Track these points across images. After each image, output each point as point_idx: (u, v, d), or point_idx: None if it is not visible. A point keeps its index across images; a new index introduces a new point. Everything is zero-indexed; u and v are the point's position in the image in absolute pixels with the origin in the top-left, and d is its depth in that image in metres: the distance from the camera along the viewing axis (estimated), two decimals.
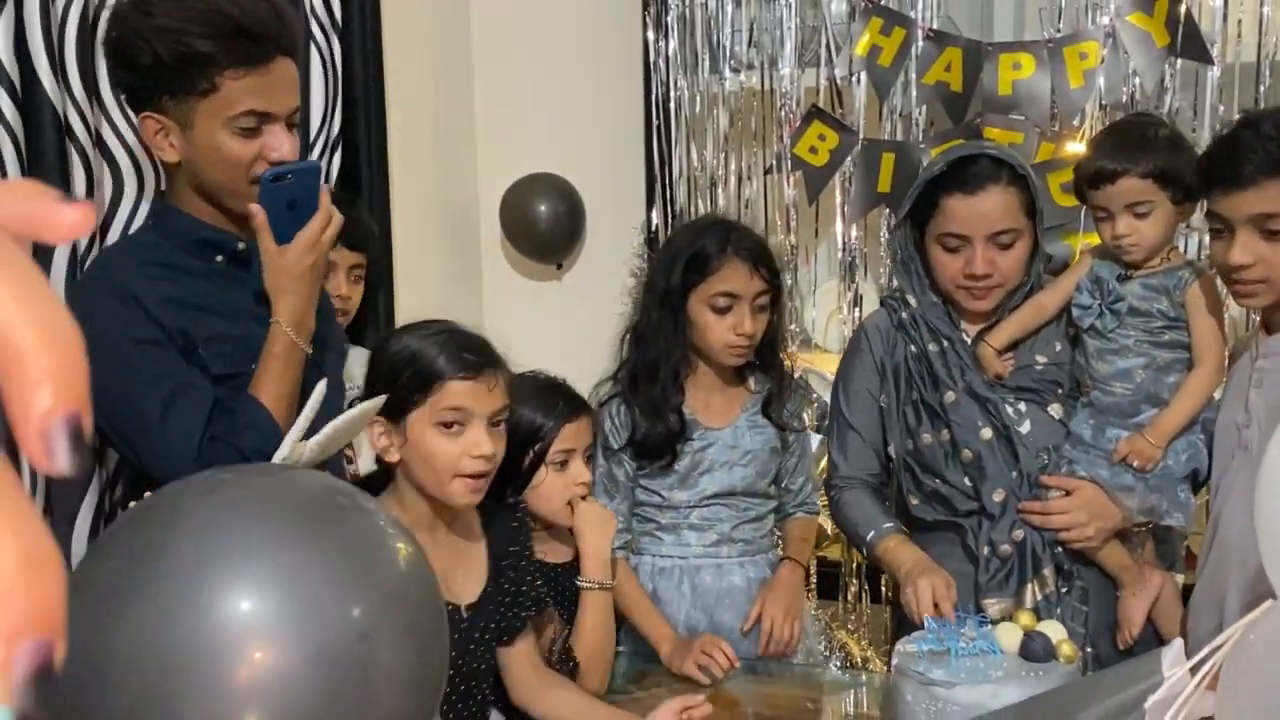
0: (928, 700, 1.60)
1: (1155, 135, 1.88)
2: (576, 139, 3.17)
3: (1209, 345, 1.86)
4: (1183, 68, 2.61)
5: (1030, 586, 1.96)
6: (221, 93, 1.57)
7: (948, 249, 1.96)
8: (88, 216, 0.31)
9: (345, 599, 0.80)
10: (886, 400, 2.06)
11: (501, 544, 1.76)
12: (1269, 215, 1.66)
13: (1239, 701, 1.06)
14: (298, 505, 0.87)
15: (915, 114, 2.78)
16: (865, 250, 2.86)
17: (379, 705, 0.81)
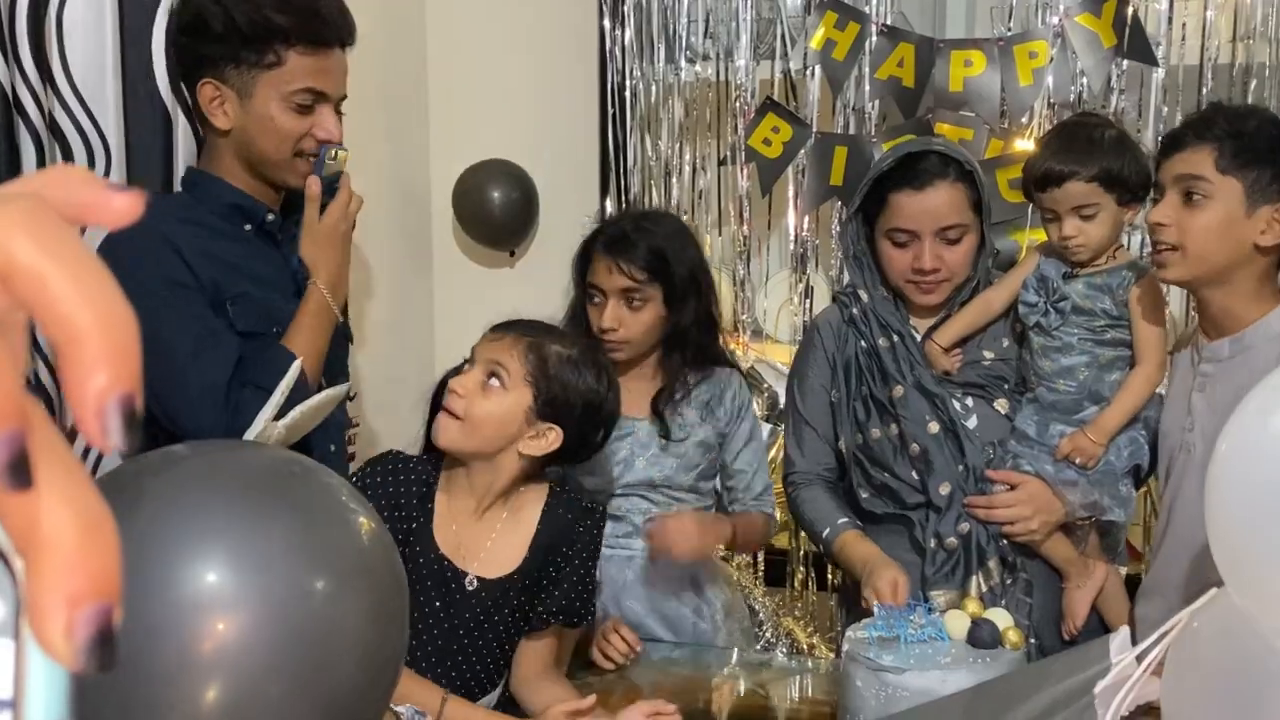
0: (877, 685, 1.62)
1: (1102, 137, 1.91)
2: (531, 126, 3.16)
3: (1150, 344, 1.90)
4: (1129, 69, 2.66)
5: (975, 578, 2.00)
6: (286, 67, 1.70)
7: (896, 244, 1.99)
8: (137, 204, 0.32)
9: (307, 571, 0.82)
10: (837, 395, 2.09)
11: (554, 536, 1.75)
12: (1192, 178, 1.71)
13: (1184, 686, 1.10)
14: (258, 479, 0.88)
15: (868, 108, 2.81)
16: (817, 242, 2.89)
17: (339, 675, 0.82)
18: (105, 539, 0.29)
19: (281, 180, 1.79)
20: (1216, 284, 1.76)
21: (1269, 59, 2.60)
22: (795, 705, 2.00)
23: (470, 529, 1.73)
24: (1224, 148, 1.70)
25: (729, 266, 2.99)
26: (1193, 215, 1.72)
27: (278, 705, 0.79)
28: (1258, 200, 1.70)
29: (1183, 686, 1.10)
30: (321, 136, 1.76)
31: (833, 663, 2.12)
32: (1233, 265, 1.74)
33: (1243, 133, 1.70)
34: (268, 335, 1.71)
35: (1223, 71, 2.62)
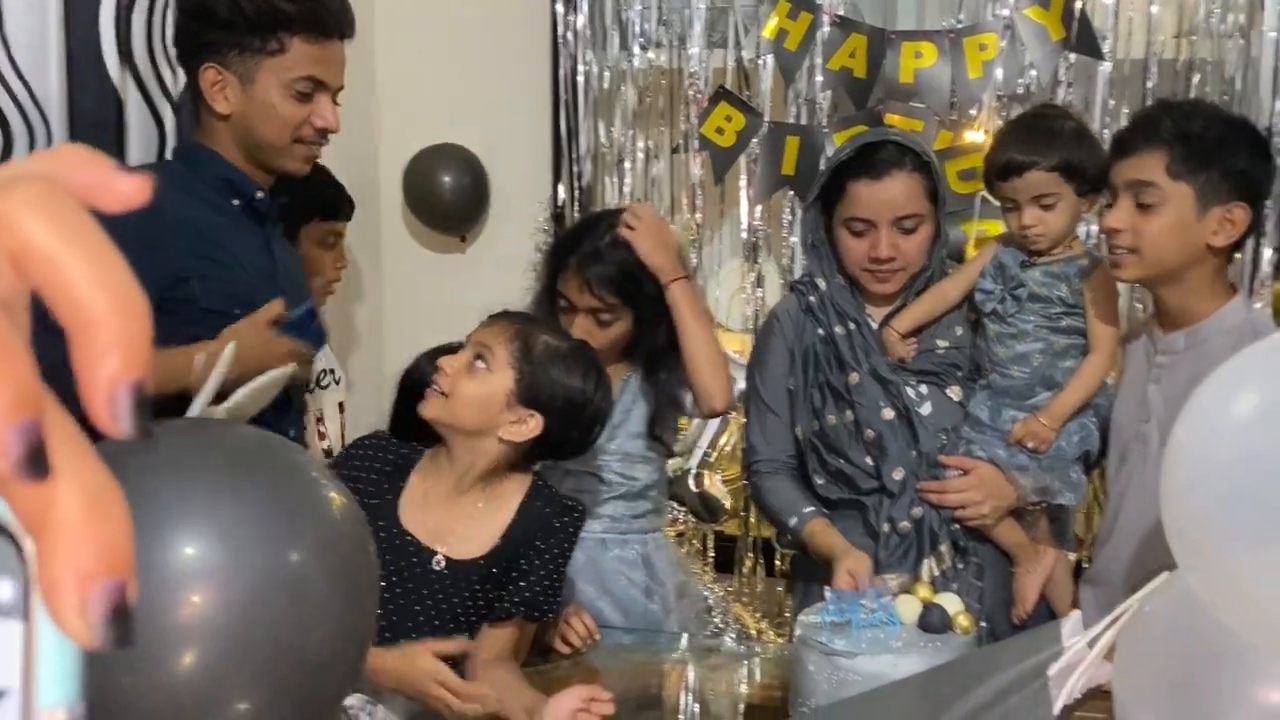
0: (829, 670, 1.64)
1: (1062, 129, 1.94)
2: (482, 110, 3.14)
3: (1104, 333, 1.94)
4: (1076, 62, 2.70)
5: (928, 562, 2.03)
6: (289, 54, 1.74)
7: (854, 233, 2.01)
8: (144, 187, 0.32)
9: (280, 546, 0.84)
10: (794, 383, 2.10)
11: (529, 528, 1.75)
12: (1142, 184, 1.74)
13: (1135, 670, 1.12)
14: (234, 458, 0.90)
15: (820, 99, 2.83)
16: (769, 231, 2.90)
17: (309, 647, 0.84)
18: (116, 515, 0.29)
19: (278, 166, 1.83)
20: (1172, 282, 1.80)
21: (1211, 54, 2.65)
22: (747, 690, 2.02)
23: (444, 510, 1.74)
24: (1173, 153, 1.72)
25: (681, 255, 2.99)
26: (1146, 220, 1.75)
27: (249, 676, 0.80)
28: (1209, 202, 1.73)
29: (1134, 669, 1.12)
30: (319, 125, 1.79)
31: (783, 648, 2.13)
32: (1187, 265, 1.77)
33: (1190, 136, 1.73)
34: (229, 314, 1.70)
35: (1167, 66, 2.67)
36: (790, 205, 2.89)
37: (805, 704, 1.65)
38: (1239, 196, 1.74)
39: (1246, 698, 1.04)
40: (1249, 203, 1.76)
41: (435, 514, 1.75)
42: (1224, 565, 0.97)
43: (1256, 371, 1.00)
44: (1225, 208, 1.74)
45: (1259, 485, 0.94)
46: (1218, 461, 0.97)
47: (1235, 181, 1.74)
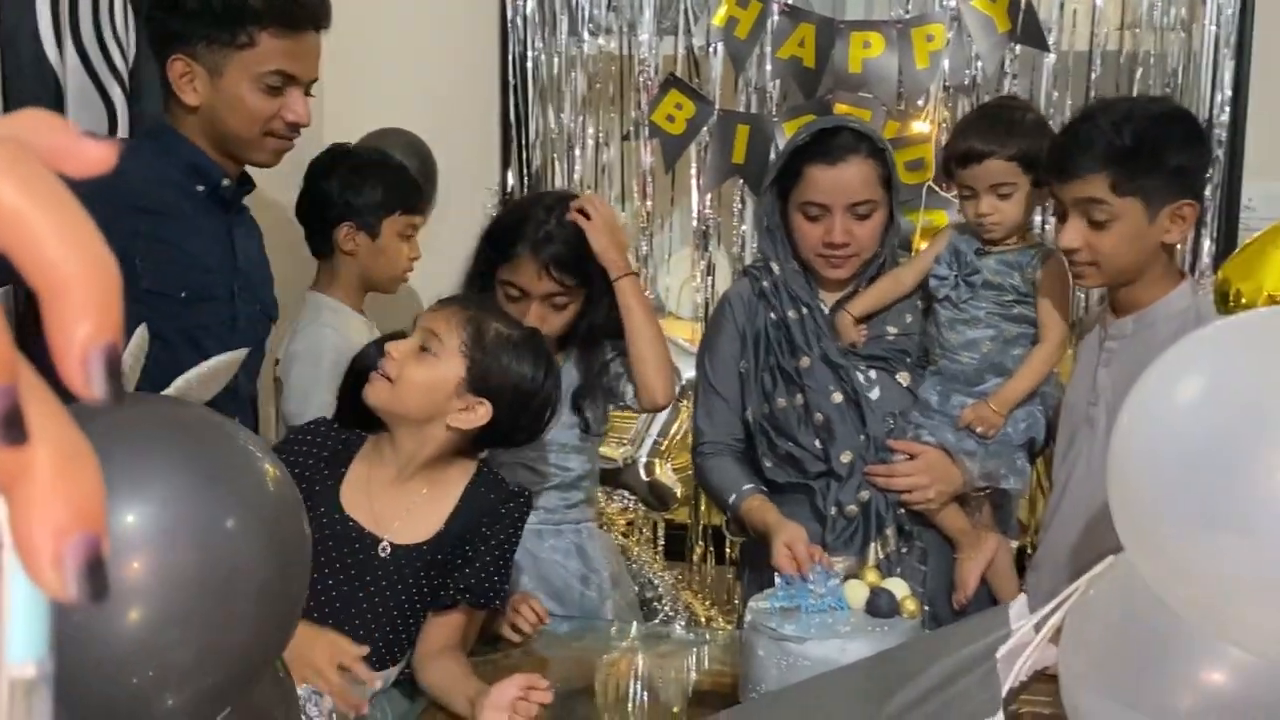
0: (779, 655, 1.65)
1: (1022, 119, 1.98)
2: (429, 95, 3.11)
3: (1054, 322, 1.97)
4: (1021, 54, 2.73)
5: (873, 545, 2.05)
6: (258, 48, 1.72)
7: (809, 217, 2.02)
8: (109, 154, 0.32)
9: (217, 513, 0.86)
10: (746, 366, 2.11)
11: (474, 514, 1.74)
12: (1093, 203, 1.76)
13: (1080, 651, 1.14)
14: (168, 426, 0.91)
15: (770, 87, 2.83)
16: (719, 220, 2.90)
17: (237, 614, 0.87)
18: (87, 472, 0.30)
19: (248, 158, 1.82)
20: (1131, 280, 1.84)
21: (1153, 47, 2.69)
22: (698, 676, 2.02)
23: (388, 497, 1.72)
24: (1115, 172, 1.75)
25: (631, 243, 2.99)
26: (1100, 236, 1.78)
27: (175, 647, 0.82)
28: (1158, 206, 1.76)
29: (1080, 651, 1.14)
30: (290, 119, 1.78)
31: (732, 634, 2.14)
32: (1145, 265, 1.82)
33: (1128, 151, 1.74)
34: (173, 297, 1.67)
35: (1110, 59, 2.71)
36: (741, 194, 2.90)
37: (755, 689, 1.66)
38: (1184, 194, 1.77)
39: (1188, 678, 1.06)
40: (1194, 195, 1.80)
41: (379, 500, 1.73)
42: (1168, 548, 0.98)
43: (1201, 356, 1.01)
44: (1174, 207, 1.77)
45: (1202, 469, 0.96)
46: (1162, 445, 0.98)
47: (1178, 180, 1.77)
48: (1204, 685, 1.05)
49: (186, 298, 1.70)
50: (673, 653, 2.11)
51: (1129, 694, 1.08)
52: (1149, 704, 1.07)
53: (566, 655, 1.95)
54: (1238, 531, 0.94)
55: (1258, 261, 1.40)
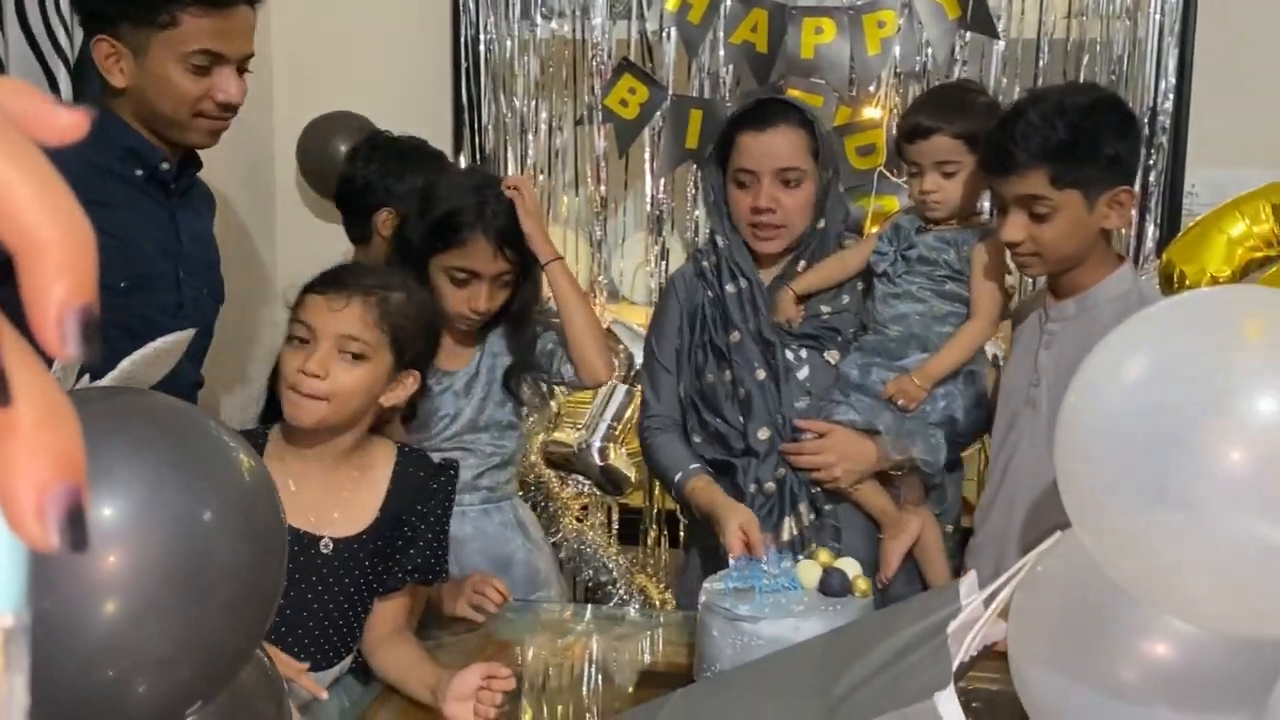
0: (734, 634, 1.66)
1: (974, 101, 2.01)
2: (380, 78, 3.09)
3: (985, 301, 1.99)
4: (971, 41, 2.76)
5: (787, 521, 2.07)
6: (181, 28, 1.66)
7: (740, 185, 2.06)
8: (82, 121, 0.32)
9: (193, 506, 0.86)
10: (680, 342, 2.15)
11: (407, 494, 1.72)
12: (1033, 198, 1.79)
13: (1028, 625, 1.16)
14: (143, 417, 0.90)
15: (723, 73, 2.84)
16: (673, 205, 2.91)
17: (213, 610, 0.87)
18: (68, 425, 0.31)
19: (181, 140, 1.78)
20: (1074, 267, 1.87)
21: (1100, 35, 2.73)
22: (653, 657, 2.03)
23: (319, 491, 1.68)
24: (1053, 166, 1.77)
25: (585, 227, 2.99)
26: (1042, 229, 1.81)
27: (150, 639, 0.81)
28: (1096, 195, 1.79)
29: (1028, 625, 1.16)
30: (220, 99, 1.73)
31: (686, 615, 2.15)
32: (1086, 250, 1.84)
33: (1063, 145, 1.76)
34: (114, 288, 1.63)
35: (1058, 46, 2.74)
36: (694, 179, 2.91)
37: (710, 668, 1.67)
38: (1121, 181, 1.80)
39: (1132, 651, 1.09)
40: (1129, 181, 1.83)
41: (309, 497, 1.67)
42: (1113, 524, 1.01)
43: (1147, 335, 1.03)
44: (1111, 194, 1.79)
45: (1147, 446, 0.98)
46: (1108, 422, 1.00)
47: (1114, 169, 1.79)
48: (1148, 658, 1.07)
49: (127, 287, 1.66)
50: (627, 634, 2.12)
51: (1076, 667, 1.11)
52: (1095, 676, 1.09)
53: (520, 638, 1.95)
54: (1181, 508, 0.96)
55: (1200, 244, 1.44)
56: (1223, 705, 1.04)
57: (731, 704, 1.37)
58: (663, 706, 1.42)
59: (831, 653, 1.33)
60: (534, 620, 2.06)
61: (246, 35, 1.76)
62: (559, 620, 2.11)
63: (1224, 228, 1.49)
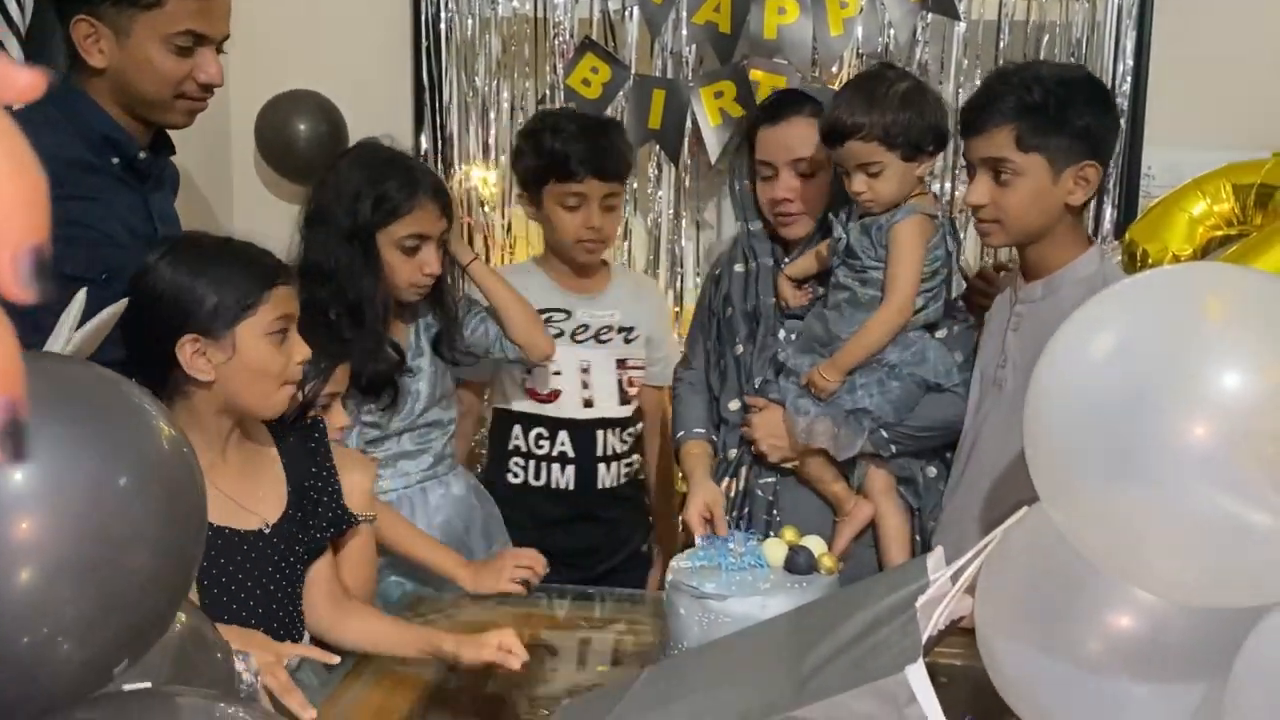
0: (701, 612, 1.67)
1: (886, 93, 1.94)
2: (340, 56, 3.05)
3: (895, 285, 1.96)
4: (933, 22, 2.77)
5: (732, 480, 2.17)
6: (165, 9, 1.66)
7: (762, 178, 2.14)
8: (40, 82, 0.32)
9: (109, 470, 0.86)
10: (704, 310, 2.29)
11: (301, 464, 1.74)
12: (998, 160, 1.80)
13: (996, 599, 1.17)
14: (59, 380, 0.90)
15: (685, 52, 2.83)
16: (635, 185, 2.90)
17: (131, 573, 0.87)
18: (5, 341, 0.31)
19: (161, 120, 1.78)
20: (1036, 242, 1.87)
21: (1060, 16, 2.75)
22: (621, 635, 2.04)
23: (241, 480, 1.68)
24: (1021, 127, 1.77)
25: None
26: (1005, 193, 1.81)
27: (70, 601, 0.82)
28: (1061, 166, 1.79)
29: (996, 599, 1.17)
30: (203, 79, 1.75)
31: (654, 595, 2.17)
32: (1049, 225, 1.84)
33: (1034, 107, 1.77)
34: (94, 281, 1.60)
35: (1018, 27, 2.76)
36: (657, 159, 2.90)
37: (678, 646, 1.69)
38: (1089, 155, 1.81)
39: (1098, 623, 1.10)
40: (1098, 158, 1.83)
41: (232, 489, 1.66)
42: (1080, 498, 1.02)
43: (1115, 312, 1.05)
44: (1077, 167, 1.80)
45: (1113, 422, 0.99)
46: (1075, 400, 1.02)
47: (1083, 141, 1.80)
48: (1113, 629, 1.09)
49: (108, 278, 1.61)
50: (597, 613, 2.13)
51: (1042, 639, 1.12)
52: (1061, 648, 1.11)
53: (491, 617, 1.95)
54: (1146, 483, 0.98)
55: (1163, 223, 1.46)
56: (1187, 675, 1.06)
57: (700, 679, 1.38)
58: (630, 684, 1.42)
59: (800, 628, 1.34)
60: (501, 602, 2.06)
61: (225, 16, 1.78)
62: (529, 598, 2.11)
63: (1185, 207, 1.51)
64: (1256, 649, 0.98)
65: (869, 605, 1.25)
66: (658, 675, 1.45)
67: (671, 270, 2.94)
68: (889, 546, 2.09)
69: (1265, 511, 0.96)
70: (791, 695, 1.16)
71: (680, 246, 2.93)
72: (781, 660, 1.27)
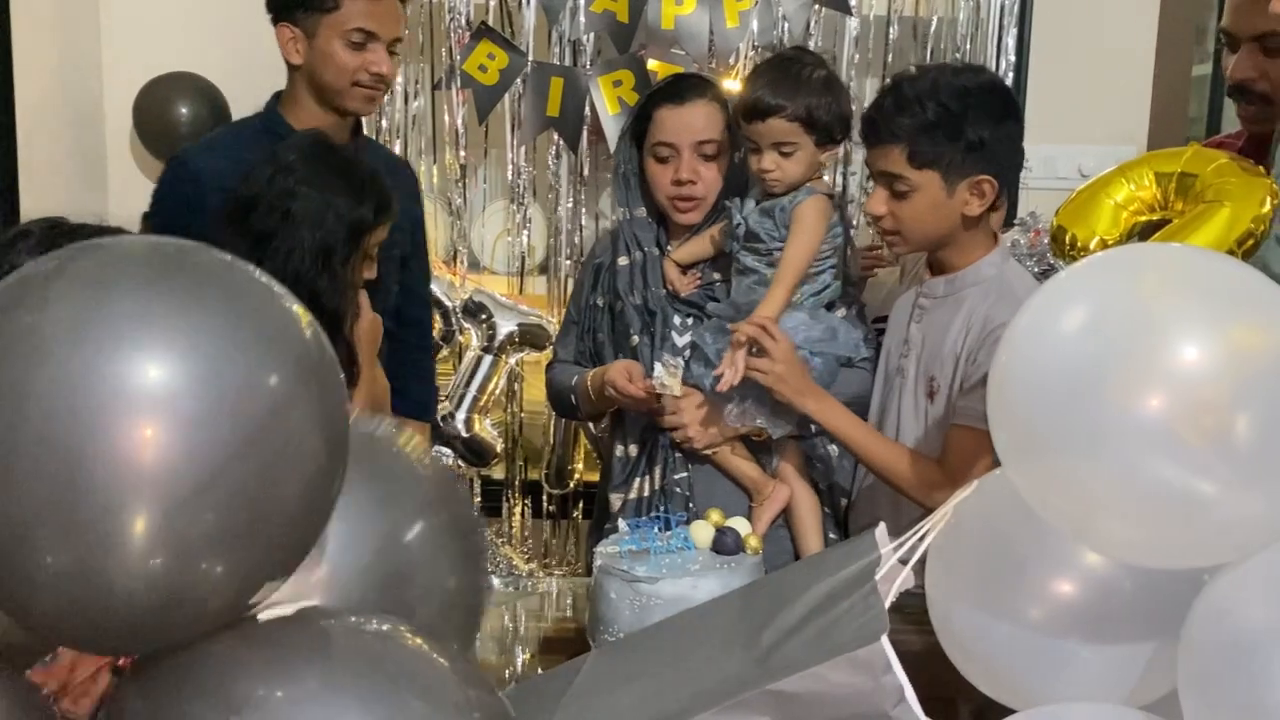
0: (632, 595, 1.67)
1: (810, 77, 1.98)
2: (221, 36, 2.95)
3: (783, 268, 1.97)
4: (825, 16, 2.83)
5: (645, 479, 2.14)
6: (341, 11, 2.09)
7: (659, 159, 2.09)
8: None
9: (260, 366, 0.74)
10: (583, 297, 2.23)
11: None
12: (894, 175, 1.82)
13: (949, 568, 1.21)
14: (184, 267, 0.77)
15: (584, 40, 2.83)
16: (534, 173, 2.89)
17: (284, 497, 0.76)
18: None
19: (343, 106, 2.16)
20: (940, 248, 1.92)
21: (946, 13, 2.85)
22: (538, 625, 2.03)
23: None
24: (912, 145, 1.79)
25: (444, 196, 2.94)
26: (901, 207, 1.84)
27: (212, 528, 0.72)
28: (954, 180, 1.81)
29: (948, 569, 1.21)
30: (374, 71, 2.12)
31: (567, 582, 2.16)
32: (948, 234, 1.88)
33: (926, 125, 1.79)
34: None
35: (907, 24, 2.85)
36: (556, 147, 2.89)
37: (608, 631, 1.68)
38: (983, 169, 1.81)
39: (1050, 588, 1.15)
40: (994, 170, 1.82)
41: None
42: (1043, 467, 1.06)
43: (1082, 285, 1.09)
44: (972, 181, 1.81)
45: (1073, 395, 1.04)
46: (1038, 374, 1.06)
47: (976, 156, 1.80)
48: (1065, 594, 1.14)
49: None
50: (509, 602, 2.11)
51: (995, 606, 1.16)
52: (1014, 614, 1.15)
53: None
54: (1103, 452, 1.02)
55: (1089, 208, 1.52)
56: (1136, 636, 1.11)
57: (650, 662, 1.38)
58: (579, 669, 1.42)
59: (752, 605, 1.36)
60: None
61: (394, 21, 2.15)
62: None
63: (1111, 193, 1.58)
64: (1205, 609, 1.04)
65: (822, 579, 1.28)
66: (605, 660, 1.45)
67: (571, 259, 2.93)
68: (804, 527, 2.12)
69: (1211, 481, 1.02)
70: (754, 672, 1.18)
71: (580, 235, 2.93)
72: (735, 639, 1.29)
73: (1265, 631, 1.00)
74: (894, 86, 1.86)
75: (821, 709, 1.10)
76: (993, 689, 1.22)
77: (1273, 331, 1.04)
